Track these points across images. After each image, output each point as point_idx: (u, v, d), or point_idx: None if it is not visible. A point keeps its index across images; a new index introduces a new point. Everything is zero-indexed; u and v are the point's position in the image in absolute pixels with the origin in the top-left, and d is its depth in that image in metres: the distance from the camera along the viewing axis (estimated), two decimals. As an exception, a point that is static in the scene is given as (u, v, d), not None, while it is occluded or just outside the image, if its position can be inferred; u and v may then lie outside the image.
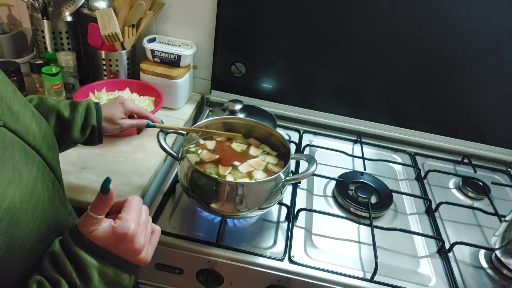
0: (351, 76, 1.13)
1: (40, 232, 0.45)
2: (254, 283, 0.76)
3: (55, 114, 0.68)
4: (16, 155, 0.43)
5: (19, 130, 0.45)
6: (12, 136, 0.44)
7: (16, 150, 0.44)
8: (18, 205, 0.41)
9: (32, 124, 0.49)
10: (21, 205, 0.41)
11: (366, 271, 0.76)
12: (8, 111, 0.45)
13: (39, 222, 0.45)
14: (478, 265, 0.83)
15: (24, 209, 0.42)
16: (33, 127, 0.49)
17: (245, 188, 0.71)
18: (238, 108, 1.04)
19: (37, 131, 0.50)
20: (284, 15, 1.07)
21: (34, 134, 0.49)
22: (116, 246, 0.46)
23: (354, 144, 1.17)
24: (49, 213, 0.47)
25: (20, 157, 0.44)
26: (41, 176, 0.47)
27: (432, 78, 1.09)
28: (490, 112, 1.11)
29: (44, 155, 0.50)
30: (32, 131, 0.49)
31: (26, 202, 0.42)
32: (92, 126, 0.71)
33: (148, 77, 1.12)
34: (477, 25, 0.99)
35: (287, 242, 0.79)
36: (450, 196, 1.01)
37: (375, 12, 1.02)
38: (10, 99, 0.47)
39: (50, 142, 0.53)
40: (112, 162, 0.93)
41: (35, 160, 0.47)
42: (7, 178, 0.40)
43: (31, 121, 0.49)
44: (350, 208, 0.90)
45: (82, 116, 0.70)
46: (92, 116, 0.71)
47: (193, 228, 0.80)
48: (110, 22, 1.03)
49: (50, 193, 0.48)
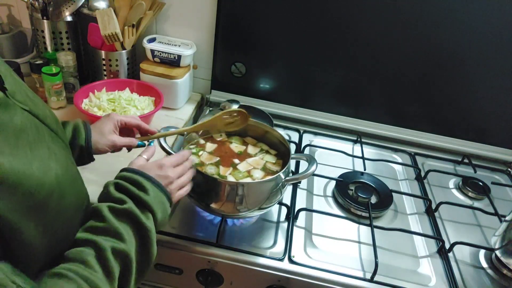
0: (351, 76, 1.13)
1: (77, 203, 0.52)
2: (254, 283, 0.76)
3: None
4: (46, 136, 0.48)
5: (40, 115, 0.49)
6: (37, 121, 0.48)
7: (45, 132, 0.48)
8: (61, 176, 0.46)
9: (46, 109, 0.53)
10: (63, 177, 0.47)
11: (366, 271, 0.76)
12: (26, 97, 0.49)
13: (76, 193, 0.52)
14: (478, 265, 0.83)
15: (65, 180, 0.47)
16: (47, 112, 0.53)
17: (245, 188, 0.71)
18: (234, 108, 1.04)
19: (50, 116, 0.54)
20: (284, 15, 1.07)
21: (50, 119, 0.53)
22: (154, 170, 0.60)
23: (354, 144, 1.17)
24: (81, 187, 0.55)
25: (48, 137, 0.49)
26: (66, 155, 0.52)
27: (432, 78, 1.09)
28: (490, 112, 1.11)
29: (61, 138, 0.54)
30: (48, 116, 0.53)
31: (66, 175, 0.48)
32: (80, 147, 0.68)
33: (148, 77, 1.11)
34: (478, 25, 0.99)
35: (287, 242, 0.79)
36: (450, 196, 1.01)
37: (375, 12, 1.02)
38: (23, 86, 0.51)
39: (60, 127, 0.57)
40: (112, 162, 0.92)
41: (58, 141, 0.52)
42: (47, 154, 0.46)
43: (44, 107, 0.53)
44: (350, 208, 0.90)
45: (69, 137, 0.68)
46: (80, 136, 0.68)
47: (193, 228, 0.80)
48: (110, 22, 1.02)
49: (76, 171, 0.55)
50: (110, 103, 1.02)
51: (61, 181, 0.46)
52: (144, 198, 0.56)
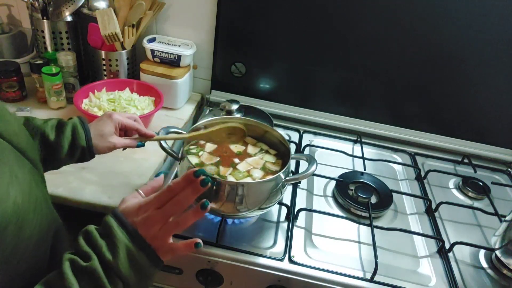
0: (351, 76, 1.13)
1: (42, 231, 0.46)
2: (254, 283, 0.76)
3: (39, 136, 0.65)
4: (10, 158, 0.44)
5: (5, 133, 0.46)
6: (2, 141, 0.45)
7: (9, 153, 0.45)
8: (21, 204, 0.42)
9: (15, 126, 0.50)
10: (23, 205, 0.42)
11: (366, 271, 0.76)
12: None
13: (40, 220, 0.46)
14: (478, 265, 0.82)
15: (26, 208, 0.43)
16: (16, 129, 0.50)
17: (245, 188, 0.71)
18: (234, 108, 1.04)
19: (20, 133, 0.50)
20: (284, 15, 1.07)
21: (18, 137, 0.49)
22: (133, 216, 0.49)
23: (354, 144, 1.17)
24: (47, 211, 0.49)
25: (13, 160, 0.45)
26: (32, 178, 0.48)
27: (432, 78, 1.09)
28: (490, 112, 1.11)
29: (30, 157, 0.50)
30: (16, 133, 0.49)
31: (27, 202, 0.43)
32: (82, 148, 0.67)
33: (148, 77, 1.11)
34: (478, 25, 0.99)
35: (287, 242, 0.79)
36: (450, 196, 1.01)
37: (375, 12, 1.02)
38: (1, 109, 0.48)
39: (34, 145, 0.54)
40: (112, 162, 0.93)
41: (24, 162, 0.48)
42: (6, 180, 0.41)
43: (14, 124, 0.50)
44: (350, 208, 0.90)
45: (69, 139, 0.66)
46: (80, 137, 0.67)
47: (193, 228, 0.80)
48: (110, 22, 1.03)
49: (44, 193, 0.50)
50: (110, 103, 1.02)
51: (21, 210, 0.42)
52: (110, 263, 0.45)
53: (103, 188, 0.84)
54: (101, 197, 0.82)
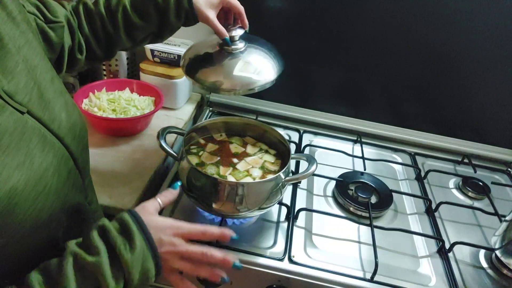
0: (351, 76, 1.13)
1: (38, 219, 0.46)
2: (254, 283, 0.76)
3: (151, 2, 0.68)
4: (33, 141, 0.45)
5: (43, 118, 0.48)
6: (33, 123, 0.46)
7: (35, 136, 0.46)
8: (20, 190, 0.42)
9: (61, 113, 0.51)
10: (23, 191, 0.43)
11: (366, 271, 0.76)
12: (37, 98, 0.48)
13: (39, 209, 0.46)
14: (478, 265, 0.82)
15: (26, 195, 0.43)
16: (61, 116, 0.51)
17: (245, 188, 0.71)
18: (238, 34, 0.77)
19: (64, 120, 0.52)
20: (284, 14, 1.07)
21: (60, 123, 0.51)
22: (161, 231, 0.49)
23: (354, 144, 1.17)
24: (54, 201, 0.48)
25: (37, 143, 0.46)
26: (55, 164, 0.48)
27: (432, 78, 1.09)
28: (490, 112, 1.11)
29: (66, 144, 0.51)
30: (58, 119, 0.50)
31: (30, 188, 0.44)
32: (186, 10, 0.69)
33: (148, 77, 1.11)
34: (478, 25, 0.99)
35: (287, 242, 0.79)
36: (450, 196, 1.01)
37: (375, 12, 1.02)
38: (45, 87, 0.50)
39: (77, 132, 0.55)
40: (112, 162, 0.93)
41: (53, 147, 0.49)
42: (17, 162, 0.42)
43: (61, 110, 0.51)
44: (350, 208, 0.90)
45: (175, 1, 0.68)
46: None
47: (193, 228, 0.80)
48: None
49: (62, 182, 0.50)
50: (110, 103, 1.02)
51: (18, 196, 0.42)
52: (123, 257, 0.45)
53: (103, 188, 0.84)
54: (101, 197, 0.82)
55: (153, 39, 0.75)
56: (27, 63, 0.48)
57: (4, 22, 0.46)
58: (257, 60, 0.77)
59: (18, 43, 0.48)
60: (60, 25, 0.62)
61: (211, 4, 0.71)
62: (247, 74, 0.75)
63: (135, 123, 1.00)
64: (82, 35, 0.69)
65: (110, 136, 1.00)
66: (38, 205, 0.45)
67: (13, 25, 0.48)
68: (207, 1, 0.70)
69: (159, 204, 0.55)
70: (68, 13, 0.68)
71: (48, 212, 0.47)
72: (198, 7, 0.69)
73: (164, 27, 0.71)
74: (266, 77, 0.75)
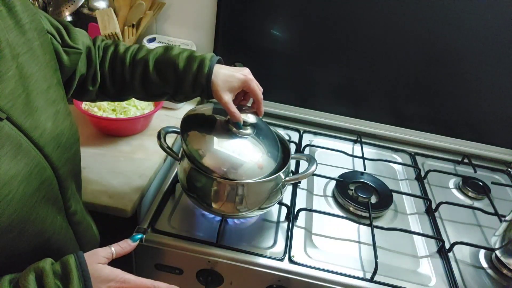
0: (351, 76, 1.13)
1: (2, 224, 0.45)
2: (254, 283, 0.76)
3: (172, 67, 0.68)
4: (4, 148, 0.44)
5: (24, 125, 0.47)
6: (10, 130, 0.45)
7: (8, 143, 0.45)
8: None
9: (47, 122, 0.50)
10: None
11: (366, 271, 0.76)
12: (22, 105, 0.47)
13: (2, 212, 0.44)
14: (478, 265, 0.83)
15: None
16: (46, 125, 0.50)
17: (245, 188, 0.70)
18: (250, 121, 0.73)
19: (49, 129, 0.51)
20: (284, 15, 1.07)
21: (43, 131, 0.50)
22: (104, 283, 0.49)
23: (354, 144, 1.17)
24: (16, 210, 0.46)
25: (8, 150, 0.45)
26: (25, 173, 0.47)
27: (432, 78, 1.09)
28: (490, 112, 1.11)
29: (46, 153, 0.50)
30: (42, 128, 0.49)
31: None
32: (202, 86, 0.67)
33: (148, 77, 1.11)
34: (478, 25, 0.99)
35: (287, 242, 0.79)
36: (450, 196, 1.01)
37: (375, 12, 1.02)
38: (36, 95, 0.49)
39: (63, 141, 0.53)
40: (112, 162, 0.93)
41: (27, 156, 0.47)
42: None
43: (48, 119, 0.50)
44: (350, 208, 0.90)
45: (193, 74, 0.67)
46: (202, 75, 0.67)
47: (193, 228, 0.80)
48: (110, 22, 1.03)
49: (30, 192, 0.48)
50: (110, 103, 1.02)
51: None
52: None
53: (103, 188, 0.84)
54: (101, 197, 0.82)
55: (168, 98, 0.74)
56: (22, 70, 0.47)
57: (10, 29, 0.47)
58: (253, 155, 0.72)
59: (18, 50, 0.47)
60: (77, 51, 0.62)
61: (230, 87, 0.68)
62: (234, 161, 0.70)
63: (135, 123, 1.00)
64: (100, 70, 0.69)
65: (110, 136, 1.00)
66: None
67: (19, 33, 0.48)
68: (226, 82, 0.68)
69: (112, 254, 0.54)
70: (93, 45, 0.68)
71: (7, 221, 0.45)
72: (216, 87, 0.67)
73: (179, 92, 0.71)
74: (249, 176, 0.70)
